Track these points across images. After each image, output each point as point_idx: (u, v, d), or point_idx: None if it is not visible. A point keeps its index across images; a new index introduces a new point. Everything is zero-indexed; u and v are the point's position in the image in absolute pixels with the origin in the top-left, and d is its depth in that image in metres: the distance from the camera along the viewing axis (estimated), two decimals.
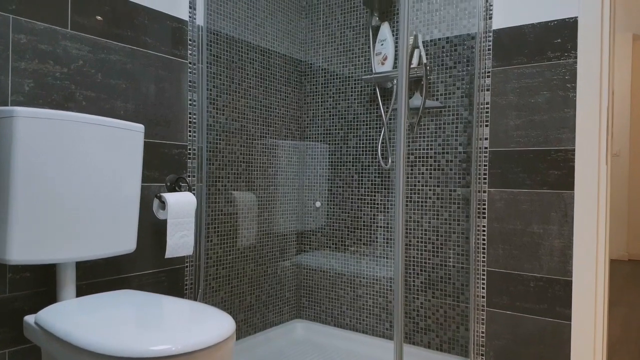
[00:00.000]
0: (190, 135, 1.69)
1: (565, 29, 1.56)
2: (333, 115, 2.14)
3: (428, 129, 1.86)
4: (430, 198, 1.86)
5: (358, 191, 2.07)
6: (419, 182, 1.88)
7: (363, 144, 2.05)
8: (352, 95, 2.08)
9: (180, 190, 1.61)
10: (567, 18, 1.56)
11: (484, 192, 1.71)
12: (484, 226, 1.71)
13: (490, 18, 1.70)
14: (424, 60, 1.64)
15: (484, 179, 1.71)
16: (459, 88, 1.79)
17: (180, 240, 1.49)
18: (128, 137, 1.31)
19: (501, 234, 1.68)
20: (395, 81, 1.91)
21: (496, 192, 1.69)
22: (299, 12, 2.18)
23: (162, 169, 1.58)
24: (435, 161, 1.85)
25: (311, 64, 2.20)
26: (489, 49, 1.70)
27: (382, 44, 1.92)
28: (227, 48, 1.83)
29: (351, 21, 2.07)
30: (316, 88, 2.19)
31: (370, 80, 1.95)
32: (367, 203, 2.04)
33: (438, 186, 1.84)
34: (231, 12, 1.84)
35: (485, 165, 1.71)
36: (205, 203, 1.75)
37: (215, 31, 1.78)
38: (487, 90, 1.71)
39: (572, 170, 1.55)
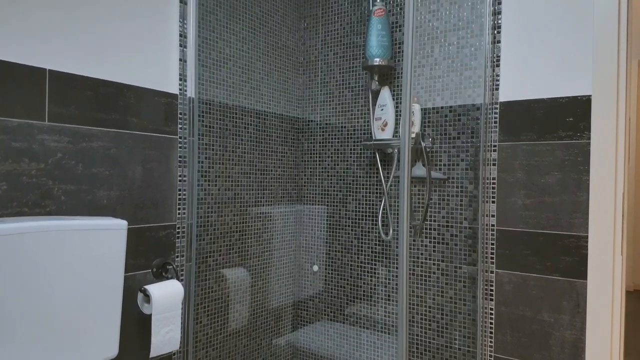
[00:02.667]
0: (179, 213, 1.59)
1: (577, 107, 1.47)
2: (331, 176, 2.05)
3: (431, 199, 1.77)
4: (434, 273, 1.76)
5: (358, 258, 1.97)
6: (422, 254, 1.79)
7: (363, 208, 1.96)
8: (351, 157, 1.99)
9: (167, 275, 1.52)
10: (580, 96, 1.46)
11: (492, 272, 1.61)
12: (491, 309, 1.61)
13: (497, 89, 1.61)
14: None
15: (491, 258, 1.61)
16: (463, 160, 1.70)
17: (166, 337, 1.39)
18: (108, 237, 1.22)
19: (510, 319, 1.58)
20: (396, 149, 1.82)
21: (504, 274, 1.59)
22: (296, 68, 2.09)
23: (148, 254, 1.49)
24: (439, 234, 1.75)
25: (309, 120, 2.11)
26: (495, 122, 1.61)
27: (382, 109, 1.83)
28: (220, 117, 1.74)
29: (350, 81, 1.99)
30: (314, 146, 2.10)
31: (371, 147, 1.86)
32: (367, 272, 1.94)
33: (442, 261, 1.74)
34: (225, 78, 1.76)
35: (492, 244, 1.61)
36: (194, 283, 1.66)
37: (207, 101, 1.69)
38: (494, 164, 1.61)
39: (585, 259, 1.46)
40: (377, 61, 1.77)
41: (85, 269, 1.17)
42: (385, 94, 1.83)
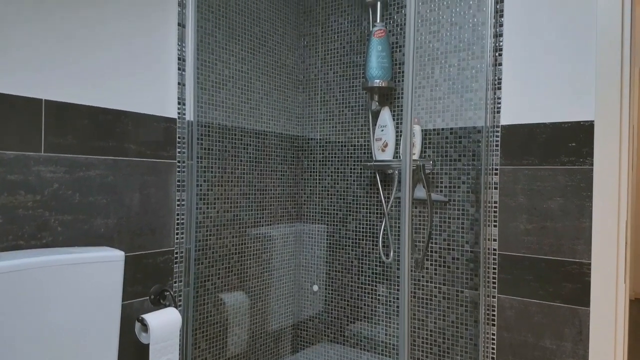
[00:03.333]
0: (177, 238, 1.58)
1: (580, 133, 1.45)
2: (331, 195, 2.03)
3: (432, 228, 1.75)
4: (435, 296, 1.74)
5: (358, 279, 1.95)
6: (423, 277, 1.77)
7: (363, 228, 1.94)
8: (351, 177, 1.98)
9: (165, 302, 1.50)
10: (583, 121, 1.45)
11: (493, 297, 1.60)
12: (493, 334, 1.60)
13: (498, 112, 1.59)
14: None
15: (493, 283, 1.60)
16: (464, 182, 1.69)
17: None
18: (105, 270, 1.20)
19: (511, 345, 1.56)
20: (397, 171, 1.80)
21: (506, 299, 1.57)
22: (295, 86, 2.08)
23: (146, 281, 1.47)
24: (440, 257, 1.73)
25: (309, 139, 2.10)
26: (496, 145, 1.59)
27: (382, 130, 1.82)
28: (219, 139, 1.73)
29: (350, 100, 1.97)
30: (314, 165, 2.09)
31: (371, 168, 1.85)
32: (368, 293, 1.92)
33: (444, 284, 1.72)
34: (224, 100, 1.74)
35: (494, 269, 1.60)
36: (192, 308, 1.64)
37: (206, 124, 1.68)
38: (495, 188, 1.60)
39: (587, 286, 1.44)
40: (377, 82, 1.75)
41: (82, 302, 1.15)
42: (386, 114, 1.82)
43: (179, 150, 1.57)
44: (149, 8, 1.46)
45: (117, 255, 1.23)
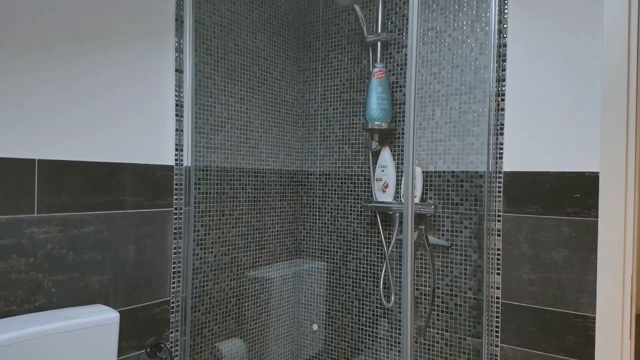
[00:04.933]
0: (174, 287, 1.55)
1: (584, 184, 1.43)
2: (331, 232, 2.01)
3: (434, 265, 1.72)
4: (438, 342, 1.71)
5: (359, 320, 1.92)
6: (425, 321, 1.74)
7: (363, 268, 1.91)
8: (351, 214, 1.95)
9: (161, 355, 1.47)
10: (587, 172, 1.42)
11: (496, 346, 1.57)
12: None
13: (501, 158, 1.57)
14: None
15: (496, 332, 1.57)
16: (466, 227, 1.66)
17: None
18: (99, 332, 1.17)
19: None
20: (398, 213, 1.77)
21: (509, 349, 1.54)
22: (295, 121, 2.06)
23: (142, 334, 1.44)
24: (442, 302, 1.70)
25: (309, 173, 2.07)
26: (499, 191, 1.57)
27: (382, 170, 1.79)
28: (217, 182, 1.70)
29: (350, 138, 1.95)
30: (313, 200, 2.06)
31: (371, 209, 1.82)
32: (369, 335, 1.89)
33: (446, 331, 1.69)
34: (222, 142, 1.72)
35: (497, 317, 1.57)
36: (189, 358, 1.61)
37: (204, 167, 1.65)
38: (498, 235, 1.57)
39: (592, 340, 1.41)
40: (377, 124, 1.73)
41: None
42: (386, 155, 1.79)
43: (176, 197, 1.54)
44: (144, 56, 1.43)
45: (111, 318, 1.20)
